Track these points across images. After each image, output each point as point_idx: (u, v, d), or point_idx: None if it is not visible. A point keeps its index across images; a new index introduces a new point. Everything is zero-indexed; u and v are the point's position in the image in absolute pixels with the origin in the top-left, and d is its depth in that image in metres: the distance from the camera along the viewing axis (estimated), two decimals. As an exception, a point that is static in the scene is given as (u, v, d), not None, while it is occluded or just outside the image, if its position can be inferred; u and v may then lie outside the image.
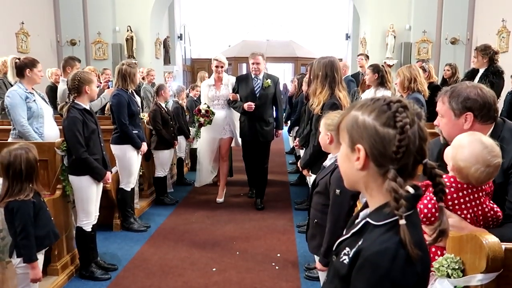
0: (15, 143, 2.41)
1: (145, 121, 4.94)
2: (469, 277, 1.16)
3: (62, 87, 4.56)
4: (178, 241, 3.89)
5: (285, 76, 16.17)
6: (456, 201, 1.50)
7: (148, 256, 3.58)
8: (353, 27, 11.64)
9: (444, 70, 6.02)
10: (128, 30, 9.77)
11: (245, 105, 4.64)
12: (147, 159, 4.95)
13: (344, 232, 1.02)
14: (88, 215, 3.10)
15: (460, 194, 1.50)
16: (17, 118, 3.38)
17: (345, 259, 0.92)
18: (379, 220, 0.89)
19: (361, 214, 1.01)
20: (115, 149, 4.07)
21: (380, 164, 0.90)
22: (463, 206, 1.50)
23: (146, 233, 4.10)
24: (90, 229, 3.12)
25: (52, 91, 5.43)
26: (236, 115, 4.97)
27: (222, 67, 4.86)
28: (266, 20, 15.46)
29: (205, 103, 4.91)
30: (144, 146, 4.20)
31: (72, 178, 3.05)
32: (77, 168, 3.00)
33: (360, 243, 0.89)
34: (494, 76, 4.21)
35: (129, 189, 4.19)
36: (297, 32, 15.22)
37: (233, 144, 5.24)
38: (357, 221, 1.00)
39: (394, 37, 9.10)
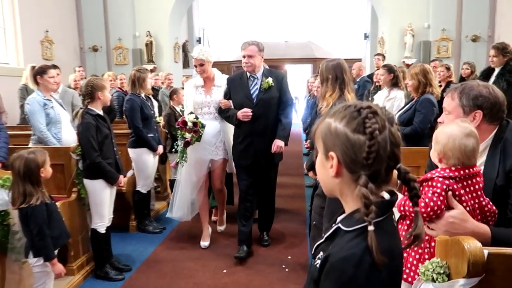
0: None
1: (161, 124, 5.04)
2: (452, 282, 1.16)
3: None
4: (191, 243, 3.95)
5: (304, 77, 16.12)
6: (456, 193, 1.52)
7: (161, 257, 3.66)
8: (372, 26, 11.51)
9: (463, 69, 5.91)
10: (147, 35, 9.98)
11: (239, 113, 3.44)
12: (163, 162, 5.06)
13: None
14: (102, 217, 3.20)
15: (455, 186, 1.51)
16: (36, 125, 3.53)
17: (317, 263, 0.94)
18: (349, 225, 0.91)
19: (338, 219, 1.02)
20: (131, 152, 4.19)
21: (352, 170, 0.91)
22: (462, 198, 1.51)
23: (161, 235, 4.19)
24: (104, 231, 3.23)
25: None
26: (232, 128, 3.73)
27: (202, 65, 3.62)
28: (284, 21, 15.48)
29: (192, 112, 3.68)
30: (160, 149, 4.30)
31: (86, 181, 3.17)
32: (91, 172, 3.11)
33: (330, 247, 0.92)
34: (510, 75, 4.11)
35: (145, 192, 4.30)
36: (315, 32, 15.17)
37: (227, 169, 3.97)
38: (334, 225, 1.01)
39: (413, 35, 8.95)
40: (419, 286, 1.25)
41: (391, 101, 4.48)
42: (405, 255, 1.61)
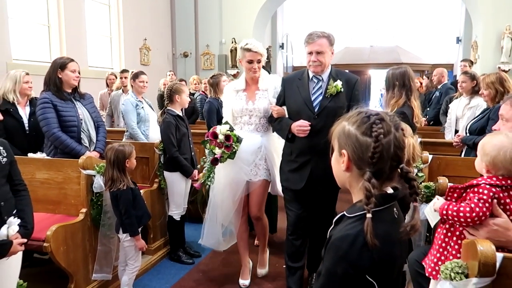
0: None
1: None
2: (466, 281, 1.21)
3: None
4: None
5: (389, 82, 15.61)
6: (502, 201, 1.54)
7: (230, 248, 3.89)
8: (465, 29, 10.77)
9: None
10: (232, 42, 10.58)
11: (294, 126, 2.64)
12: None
13: None
14: (178, 206, 3.59)
15: (502, 195, 1.54)
16: (128, 122, 4.08)
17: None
18: (351, 212, 1.07)
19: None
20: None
21: (359, 167, 1.07)
22: (507, 207, 1.54)
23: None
24: (179, 218, 3.61)
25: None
26: (278, 143, 3.01)
27: (259, 61, 2.95)
28: (370, 25, 15.14)
29: (226, 122, 2.96)
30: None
31: (166, 173, 3.59)
32: (170, 165, 3.52)
33: (335, 230, 1.08)
34: None
35: (218, 187, 4.66)
36: (403, 37, 14.58)
37: (271, 192, 3.23)
38: None
39: (511, 39, 8.22)
40: (438, 283, 1.32)
41: (472, 110, 4.27)
42: (442, 258, 1.66)
